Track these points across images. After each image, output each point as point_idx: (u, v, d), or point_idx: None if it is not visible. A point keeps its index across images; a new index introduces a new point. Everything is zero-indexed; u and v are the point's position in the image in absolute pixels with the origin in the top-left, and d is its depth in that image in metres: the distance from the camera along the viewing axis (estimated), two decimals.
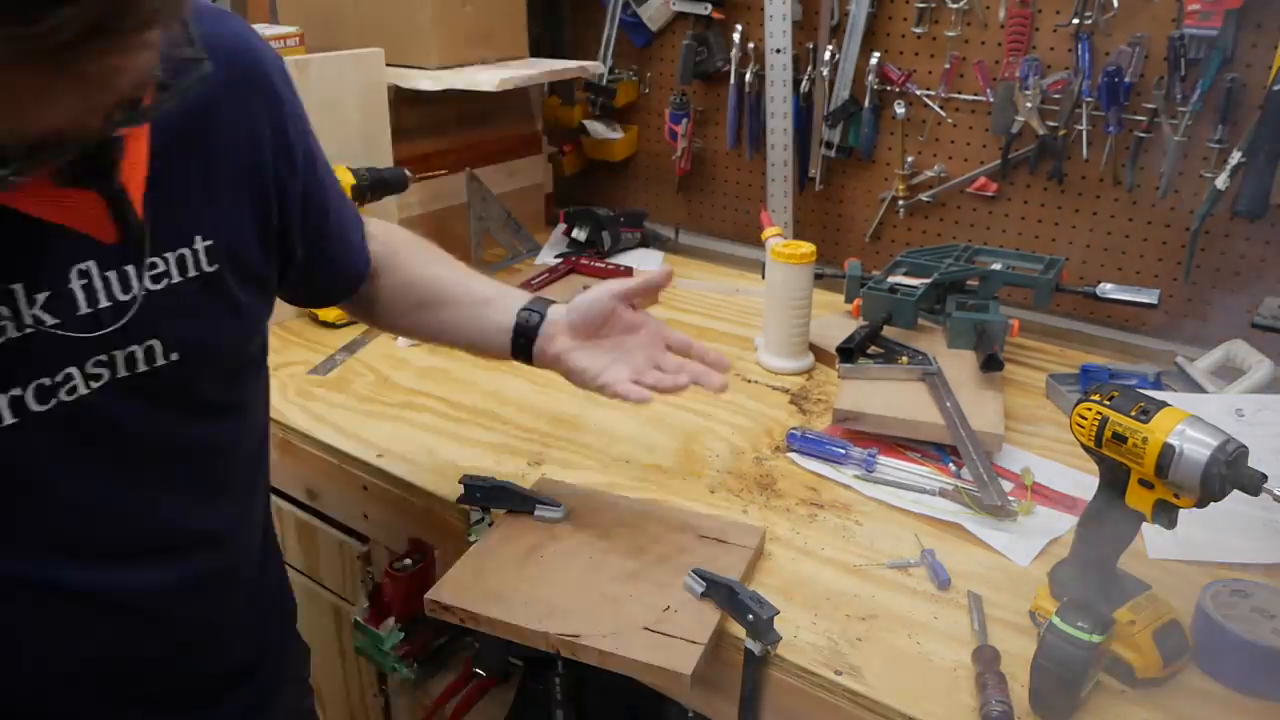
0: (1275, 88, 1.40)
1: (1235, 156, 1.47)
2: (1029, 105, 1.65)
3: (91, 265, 0.74)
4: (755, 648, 0.91)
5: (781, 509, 1.17)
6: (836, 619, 0.98)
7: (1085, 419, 0.90)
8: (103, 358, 0.75)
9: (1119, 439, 0.87)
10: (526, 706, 1.32)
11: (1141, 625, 0.89)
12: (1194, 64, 1.50)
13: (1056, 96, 1.64)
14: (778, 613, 0.91)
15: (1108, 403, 0.89)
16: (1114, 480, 0.90)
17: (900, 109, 1.81)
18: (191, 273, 0.80)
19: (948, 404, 1.31)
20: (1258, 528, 1.09)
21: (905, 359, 1.44)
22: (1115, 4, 1.55)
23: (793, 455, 1.28)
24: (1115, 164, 1.64)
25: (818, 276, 1.56)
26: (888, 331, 1.52)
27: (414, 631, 1.24)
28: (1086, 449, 0.92)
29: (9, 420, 0.70)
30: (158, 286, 0.78)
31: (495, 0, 1.93)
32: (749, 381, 1.51)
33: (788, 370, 1.54)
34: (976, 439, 1.24)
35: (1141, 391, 0.90)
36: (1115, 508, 0.90)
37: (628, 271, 1.89)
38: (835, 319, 1.66)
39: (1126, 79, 1.56)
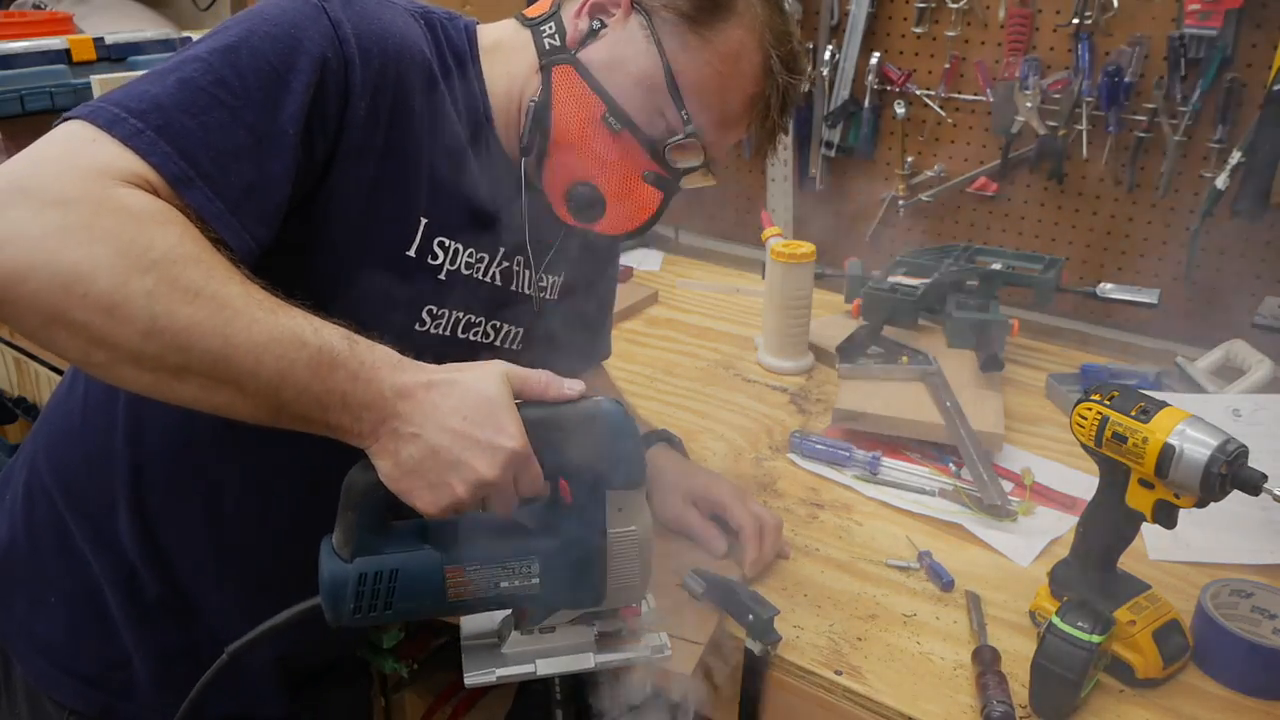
0: (1275, 88, 1.40)
1: (1235, 156, 1.47)
2: (1029, 105, 1.65)
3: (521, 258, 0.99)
4: (755, 648, 0.91)
5: (781, 509, 1.17)
6: (836, 619, 0.98)
7: (1085, 419, 0.90)
8: (495, 323, 1.00)
9: (1119, 439, 0.87)
10: (526, 706, 1.32)
11: (1141, 625, 0.89)
12: (1194, 64, 1.50)
13: (1056, 96, 1.64)
14: (778, 612, 0.91)
15: (1108, 403, 0.89)
16: (1114, 480, 0.90)
17: (900, 109, 1.81)
18: (541, 295, 1.05)
19: (948, 404, 1.31)
20: (1258, 528, 1.09)
21: (905, 359, 1.44)
22: (1115, 4, 1.55)
23: (795, 458, 1.28)
24: (1115, 164, 1.64)
25: (818, 276, 1.56)
26: (888, 331, 1.52)
27: (414, 631, 1.24)
28: (1086, 449, 0.92)
29: None
30: (532, 294, 1.04)
31: (495, 1, 1.93)
32: (749, 381, 1.51)
33: (788, 370, 1.54)
34: (976, 439, 1.24)
35: (1141, 391, 0.90)
36: (1115, 508, 0.90)
37: (628, 271, 1.89)
38: (835, 319, 1.66)
39: (1126, 79, 1.56)
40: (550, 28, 0.91)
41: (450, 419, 0.70)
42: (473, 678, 0.83)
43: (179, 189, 0.69)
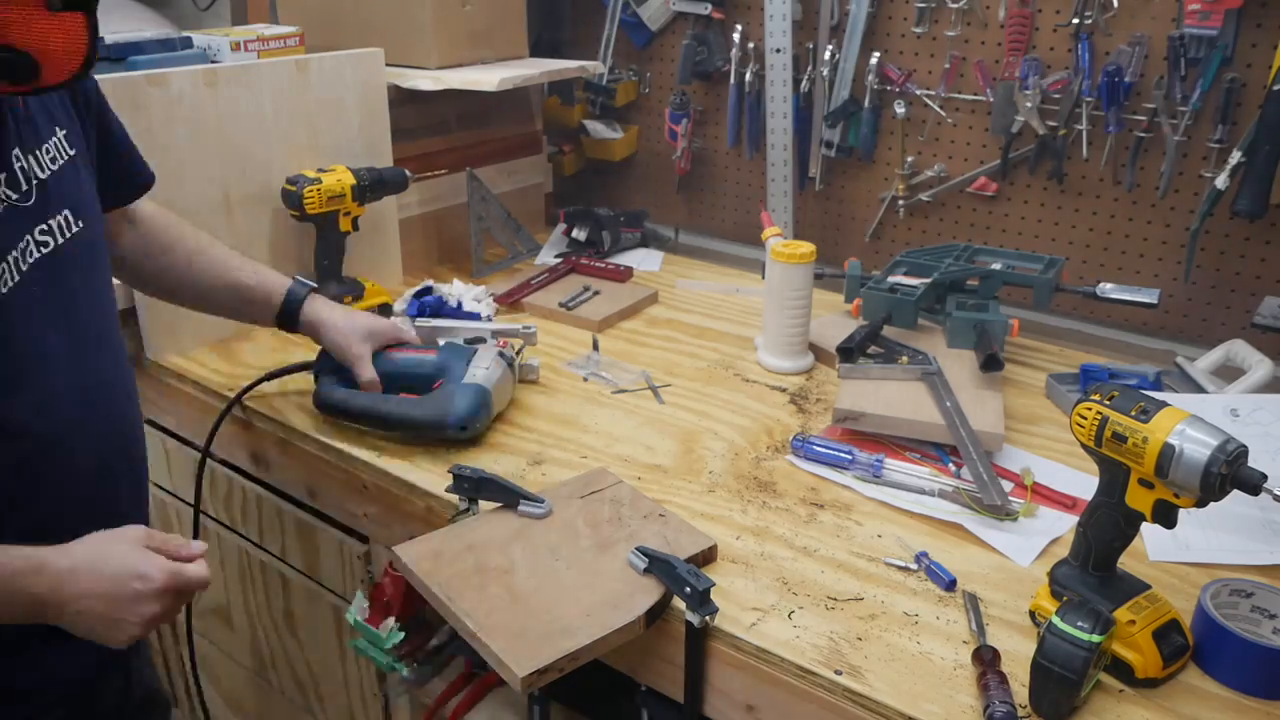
0: (1275, 88, 1.40)
1: (1235, 156, 1.47)
2: (1029, 105, 1.65)
3: (18, 149, 0.92)
4: (694, 619, 0.94)
5: (781, 509, 1.17)
6: (836, 619, 0.98)
7: (1085, 419, 0.90)
8: (44, 226, 0.94)
9: (1119, 439, 0.87)
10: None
11: (1141, 625, 0.89)
12: (1194, 64, 1.50)
13: (1056, 96, 1.64)
14: (713, 584, 0.93)
15: (1108, 403, 0.89)
16: (1114, 480, 0.90)
17: (900, 109, 1.81)
18: (63, 159, 0.99)
19: (948, 404, 1.31)
20: (1258, 528, 1.09)
21: (905, 359, 1.44)
22: (1115, 4, 1.55)
23: (796, 460, 1.28)
24: (1115, 164, 1.64)
25: (818, 276, 1.56)
26: (888, 331, 1.52)
27: (414, 631, 1.24)
28: (1086, 449, 0.92)
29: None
30: (54, 167, 0.97)
31: (495, 0, 1.93)
32: (749, 381, 1.51)
33: (788, 370, 1.54)
34: (976, 439, 1.24)
35: (1141, 391, 0.90)
36: (1115, 508, 0.90)
37: (628, 271, 1.89)
38: (835, 319, 1.66)
39: (1126, 79, 1.56)
40: None
41: (97, 606, 0.88)
42: None
43: None
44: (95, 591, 0.88)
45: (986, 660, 0.89)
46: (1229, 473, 0.82)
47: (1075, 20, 1.59)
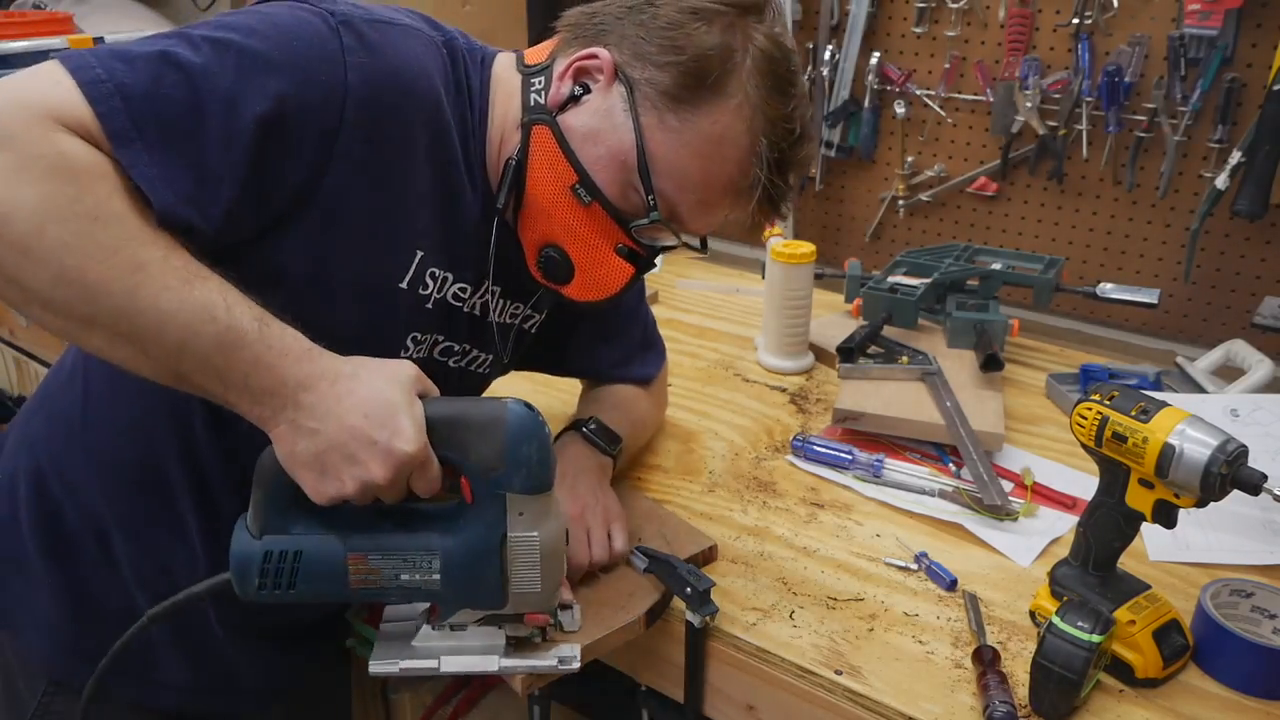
0: (1275, 88, 1.40)
1: (1235, 156, 1.47)
2: (1029, 105, 1.65)
3: None
4: (694, 619, 0.94)
5: (781, 509, 1.17)
6: (836, 619, 0.98)
7: (1085, 419, 0.90)
8: None
9: (1119, 439, 0.87)
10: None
11: (1141, 625, 0.89)
12: (1194, 64, 1.50)
13: (1056, 96, 1.64)
14: (713, 584, 0.93)
15: (1108, 403, 0.89)
16: (1114, 480, 0.90)
17: (900, 109, 1.81)
18: None
19: (948, 404, 1.31)
20: (1258, 528, 1.09)
21: (905, 359, 1.44)
22: (1115, 4, 1.55)
23: (796, 461, 1.28)
24: (1115, 164, 1.64)
25: (818, 276, 1.56)
26: (888, 331, 1.52)
27: None
28: (1086, 449, 0.92)
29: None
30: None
31: (495, 0, 1.93)
32: (749, 381, 1.51)
33: (788, 370, 1.54)
34: (976, 439, 1.24)
35: (1141, 391, 0.90)
36: (1115, 508, 0.90)
37: None
38: (835, 319, 1.66)
39: (1126, 79, 1.56)
40: (539, 81, 0.90)
41: (350, 416, 0.71)
42: (377, 666, 0.83)
43: (116, 144, 0.68)
44: (347, 419, 0.71)
45: (986, 660, 0.89)
46: (1229, 473, 0.82)
47: (1075, 20, 1.59)
